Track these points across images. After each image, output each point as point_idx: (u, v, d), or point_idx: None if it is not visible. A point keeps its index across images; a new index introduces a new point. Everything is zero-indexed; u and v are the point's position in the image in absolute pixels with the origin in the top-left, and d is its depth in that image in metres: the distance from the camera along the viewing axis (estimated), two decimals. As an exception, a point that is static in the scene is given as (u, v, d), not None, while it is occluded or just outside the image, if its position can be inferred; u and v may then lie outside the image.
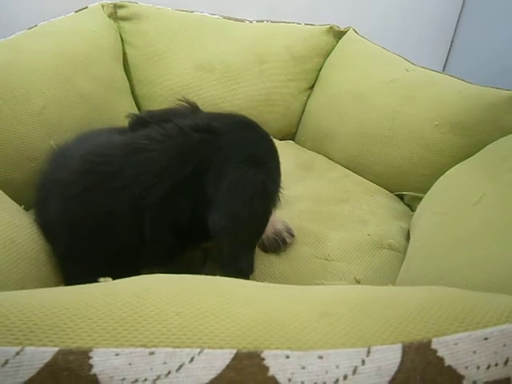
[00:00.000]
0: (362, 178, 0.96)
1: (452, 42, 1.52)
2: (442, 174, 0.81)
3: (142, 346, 0.30)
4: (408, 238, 0.77)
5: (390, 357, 0.30)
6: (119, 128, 0.74)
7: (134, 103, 1.04)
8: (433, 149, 0.87)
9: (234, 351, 0.30)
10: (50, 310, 0.31)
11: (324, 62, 1.13)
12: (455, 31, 1.51)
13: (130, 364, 0.29)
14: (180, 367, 0.29)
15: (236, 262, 0.54)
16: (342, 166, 1.01)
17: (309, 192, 0.85)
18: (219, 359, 0.29)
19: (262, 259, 0.67)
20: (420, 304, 0.35)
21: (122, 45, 1.04)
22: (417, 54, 1.11)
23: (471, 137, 0.83)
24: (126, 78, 1.03)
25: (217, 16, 1.10)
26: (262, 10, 1.20)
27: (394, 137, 0.92)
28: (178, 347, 0.30)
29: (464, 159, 0.80)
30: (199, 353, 0.29)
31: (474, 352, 0.31)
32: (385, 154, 0.93)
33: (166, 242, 0.53)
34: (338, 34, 1.13)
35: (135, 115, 0.66)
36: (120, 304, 0.33)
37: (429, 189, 0.82)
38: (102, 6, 1.01)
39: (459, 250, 0.54)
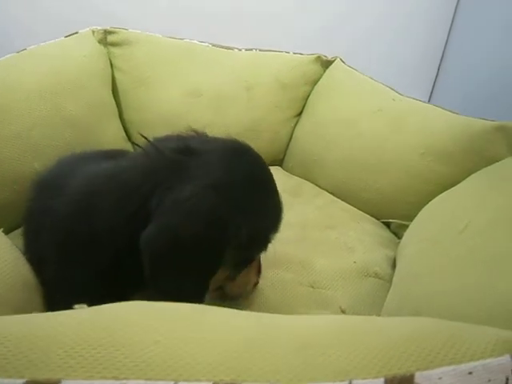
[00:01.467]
0: (348, 205, 0.96)
1: (438, 71, 1.56)
2: (429, 202, 0.82)
3: (113, 377, 0.28)
4: (394, 266, 0.77)
5: (372, 391, 0.29)
6: (103, 152, 0.75)
7: (121, 128, 1.04)
8: (419, 177, 0.88)
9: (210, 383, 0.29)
10: (19, 339, 0.30)
11: (311, 90, 1.14)
12: (441, 61, 1.54)
13: (100, 398, 0.28)
14: (153, 401, 0.28)
15: (166, 285, 0.49)
16: (330, 192, 1.01)
17: (295, 218, 0.85)
18: (194, 393, 0.28)
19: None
20: (403, 335, 0.34)
21: (112, 70, 1.05)
22: (402, 84, 1.13)
23: (457, 166, 0.83)
24: (114, 102, 1.03)
25: (206, 44, 1.11)
26: (251, 39, 1.22)
27: (381, 164, 0.92)
28: (151, 379, 0.28)
29: (450, 187, 0.80)
30: (174, 386, 0.28)
31: (459, 387, 0.30)
32: (372, 181, 0.93)
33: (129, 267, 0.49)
34: (326, 64, 1.15)
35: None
36: (94, 333, 0.31)
37: (415, 216, 0.82)
38: (93, 32, 1.02)
39: (445, 278, 0.54)
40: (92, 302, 0.38)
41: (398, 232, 0.90)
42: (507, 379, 0.31)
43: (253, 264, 0.61)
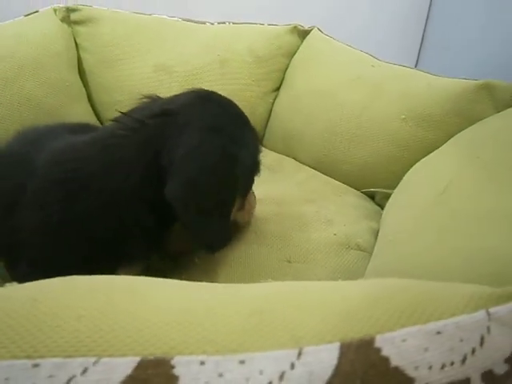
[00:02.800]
0: (330, 179, 0.92)
1: (422, 39, 1.51)
2: (411, 169, 0.78)
3: (26, 357, 0.25)
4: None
5: (324, 359, 0.26)
6: (69, 126, 0.72)
7: (90, 109, 0.99)
8: (401, 144, 0.84)
9: (138, 359, 0.25)
10: None
11: (289, 62, 1.10)
12: (425, 29, 1.50)
13: (6, 379, 0.24)
14: (69, 381, 0.24)
15: (202, 234, 0.54)
16: (311, 167, 0.97)
17: (273, 194, 0.81)
18: (119, 369, 0.25)
19: (214, 260, 0.62)
20: (365, 298, 0.30)
21: (77, 50, 1.00)
22: (387, 52, 1.09)
23: (439, 129, 0.80)
24: (81, 83, 0.98)
25: (176, 18, 1.06)
26: (223, 12, 1.17)
27: (361, 134, 0.89)
28: (70, 357, 0.25)
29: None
30: (95, 362, 0.25)
31: (426, 349, 0.27)
32: (352, 151, 0.90)
33: (145, 225, 0.53)
34: (303, 34, 1.10)
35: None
36: (10, 309, 0.28)
37: (399, 185, 0.78)
38: (54, 10, 0.97)
39: (423, 240, 0.51)
40: None
41: (382, 203, 0.86)
42: (482, 338, 0.27)
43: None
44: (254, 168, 0.62)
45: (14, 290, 0.32)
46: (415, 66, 1.54)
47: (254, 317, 0.29)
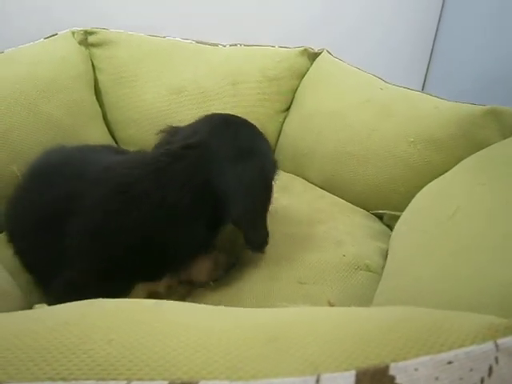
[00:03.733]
0: (338, 199, 0.94)
1: (429, 62, 1.53)
2: (420, 191, 0.79)
3: (61, 379, 0.26)
4: (386, 258, 0.74)
5: (341, 385, 0.27)
6: (98, 147, 0.80)
7: (105, 128, 1.02)
8: (409, 166, 0.86)
9: (166, 383, 0.27)
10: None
11: (299, 83, 1.12)
12: (432, 51, 1.52)
13: (43, 401, 0.26)
14: (102, 403, 0.26)
15: (257, 235, 0.66)
16: (320, 186, 0.99)
17: (283, 214, 0.83)
18: (148, 393, 0.26)
19: (228, 282, 0.64)
20: (379, 325, 0.32)
21: (94, 71, 1.03)
22: (394, 75, 1.11)
23: (447, 153, 0.81)
24: (97, 103, 1.01)
25: (189, 41, 1.09)
26: (235, 35, 1.20)
27: (370, 155, 0.90)
28: (102, 379, 0.26)
29: (441, 175, 0.78)
30: (125, 386, 0.26)
31: (437, 378, 0.28)
32: (361, 172, 0.91)
33: (200, 234, 0.62)
34: (313, 56, 1.13)
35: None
36: (45, 332, 0.30)
37: (407, 207, 0.80)
38: (73, 33, 1.00)
39: (433, 266, 0.52)
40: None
41: (390, 224, 0.87)
42: (490, 368, 0.29)
43: None
44: (275, 168, 0.72)
45: (45, 312, 0.33)
46: (422, 88, 1.56)
47: (272, 343, 0.30)
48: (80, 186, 0.61)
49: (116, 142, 1.03)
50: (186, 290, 0.66)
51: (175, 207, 0.59)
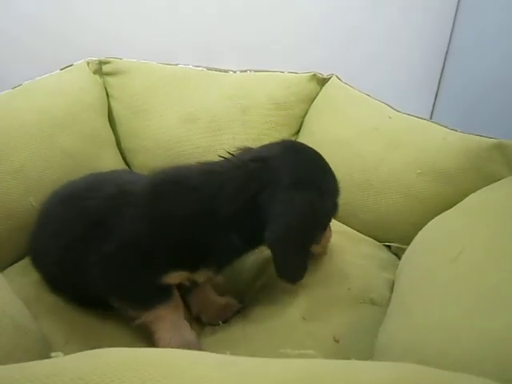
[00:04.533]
0: (346, 227, 0.94)
1: (437, 91, 1.54)
2: (428, 222, 0.80)
3: None
4: (393, 290, 0.75)
5: None
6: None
7: (119, 156, 1.05)
8: (417, 197, 0.86)
9: None
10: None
11: (308, 108, 1.14)
12: (440, 80, 1.53)
13: None
14: None
15: (288, 266, 0.66)
16: (328, 214, 1.00)
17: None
18: None
19: (234, 320, 0.65)
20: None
21: (108, 99, 1.06)
22: (403, 100, 1.12)
23: (455, 185, 0.82)
24: (111, 131, 1.04)
25: (201, 68, 1.12)
26: (245, 60, 1.22)
27: (379, 185, 0.91)
28: None
29: (448, 207, 0.78)
30: None
31: None
32: (370, 202, 0.92)
33: (235, 243, 0.64)
34: (322, 81, 1.15)
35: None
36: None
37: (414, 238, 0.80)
38: (87, 63, 1.04)
39: (435, 310, 0.53)
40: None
41: (398, 253, 0.88)
42: None
43: None
44: (334, 210, 0.73)
45: (60, 365, 0.35)
46: (431, 112, 1.56)
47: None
48: (129, 185, 0.70)
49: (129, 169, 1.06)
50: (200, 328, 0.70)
51: (220, 211, 0.63)
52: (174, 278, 0.65)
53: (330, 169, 0.73)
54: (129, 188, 0.69)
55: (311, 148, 0.74)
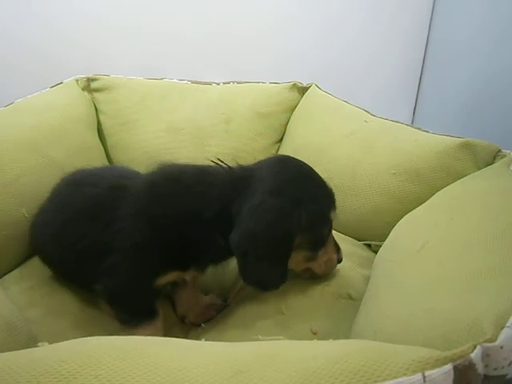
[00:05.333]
0: (327, 229, 0.98)
1: (418, 89, 1.59)
2: (404, 221, 0.84)
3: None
4: (369, 284, 0.79)
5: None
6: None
7: (108, 168, 1.09)
8: (393, 197, 0.90)
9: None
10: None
11: (290, 115, 1.19)
12: (420, 77, 1.58)
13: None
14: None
15: (252, 276, 0.66)
16: (310, 216, 1.04)
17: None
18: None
19: (217, 320, 0.69)
20: (328, 358, 0.37)
21: (97, 114, 1.11)
22: (385, 104, 1.17)
23: (426, 184, 0.86)
24: (100, 144, 1.09)
25: (185, 81, 1.17)
26: (228, 72, 1.28)
27: (356, 187, 0.95)
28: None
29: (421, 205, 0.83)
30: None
31: (372, 404, 0.33)
32: (348, 203, 0.96)
33: (221, 245, 0.66)
34: (302, 90, 1.20)
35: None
36: (42, 369, 0.35)
37: (390, 236, 0.84)
38: (76, 81, 1.09)
39: (398, 296, 0.57)
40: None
41: (377, 251, 0.92)
42: (417, 396, 0.34)
43: (328, 244, 0.75)
44: (321, 224, 0.71)
45: (45, 351, 0.39)
46: (413, 115, 1.61)
47: (236, 376, 0.36)
48: (123, 181, 0.73)
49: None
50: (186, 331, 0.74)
51: (205, 212, 0.65)
52: (167, 277, 0.68)
53: (321, 183, 0.74)
54: (126, 182, 0.73)
55: (303, 162, 0.76)
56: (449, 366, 0.34)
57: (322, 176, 1.01)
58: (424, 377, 0.34)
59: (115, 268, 0.67)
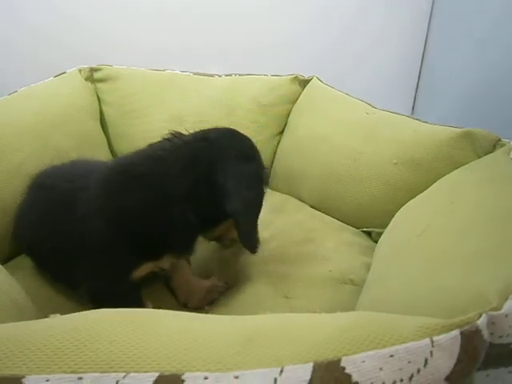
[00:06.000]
0: (329, 218, 1.00)
1: (418, 81, 1.61)
2: (403, 210, 0.85)
3: (72, 372, 0.33)
4: (371, 269, 0.80)
5: (300, 374, 0.33)
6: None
7: (110, 157, 1.10)
8: (393, 186, 0.91)
9: (157, 374, 0.33)
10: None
11: (291, 108, 1.20)
12: (420, 69, 1.60)
13: (58, 389, 0.32)
14: (105, 391, 0.32)
15: (251, 234, 0.70)
16: (312, 206, 1.05)
17: (275, 235, 0.89)
18: (143, 382, 0.32)
19: (220, 302, 0.70)
20: (337, 327, 0.38)
21: (99, 104, 1.11)
22: (385, 96, 1.18)
23: (426, 173, 0.87)
24: (102, 134, 1.09)
25: (187, 73, 1.18)
26: (230, 65, 1.28)
27: (357, 176, 0.96)
28: (106, 372, 0.33)
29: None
30: (124, 376, 0.33)
31: (381, 369, 0.34)
32: (350, 193, 0.97)
33: (192, 221, 0.66)
34: (303, 83, 1.21)
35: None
36: (58, 335, 0.36)
37: (391, 224, 0.85)
38: (80, 70, 1.09)
39: (399, 280, 0.58)
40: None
41: (377, 239, 0.93)
42: (426, 360, 0.35)
43: None
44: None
45: (58, 320, 0.40)
46: (412, 107, 1.63)
47: (248, 343, 0.37)
48: (86, 179, 0.71)
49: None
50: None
51: (171, 193, 0.65)
52: (143, 270, 0.67)
53: (256, 147, 0.80)
54: (84, 183, 0.71)
55: (240, 132, 0.81)
56: (456, 332, 0.35)
57: (323, 167, 1.03)
58: (432, 342, 0.35)
59: (90, 271, 0.67)
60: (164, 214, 0.65)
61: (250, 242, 0.70)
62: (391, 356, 0.35)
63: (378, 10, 1.49)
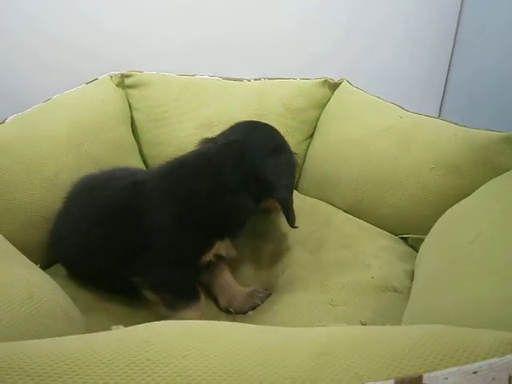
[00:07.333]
0: (364, 223, 0.98)
1: (445, 85, 1.59)
2: (442, 214, 0.83)
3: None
4: (412, 279, 0.78)
5: (382, 392, 0.32)
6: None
7: (142, 163, 1.10)
8: (431, 190, 0.89)
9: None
10: (60, 358, 0.34)
11: (321, 112, 1.19)
12: (448, 74, 1.58)
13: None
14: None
15: (293, 213, 0.82)
16: (345, 211, 1.03)
17: (311, 239, 0.88)
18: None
19: (264, 308, 0.69)
20: (413, 341, 0.37)
21: (130, 110, 1.12)
22: (411, 100, 1.17)
23: (466, 178, 0.85)
24: (133, 140, 1.10)
25: (216, 78, 1.17)
26: (259, 68, 1.28)
27: (394, 181, 0.95)
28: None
29: (462, 199, 0.82)
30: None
31: (463, 386, 0.33)
32: (386, 197, 0.96)
33: (248, 202, 0.77)
34: (333, 86, 1.20)
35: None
36: (129, 348, 0.35)
37: (430, 229, 0.84)
38: (111, 77, 1.10)
39: (457, 289, 0.56)
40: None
41: (415, 246, 0.91)
42: (510, 377, 0.33)
43: None
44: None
45: (126, 333, 0.39)
46: (439, 112, 1.61)
47: (323, 357, 0.36)
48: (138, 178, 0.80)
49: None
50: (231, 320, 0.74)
51: (229, 183, 0.75)
52: (210, 253, 0.75)
53: (277, 130, 0.91)
54: (140, 178, 0.80)
55: (261, 122, 0.92)
56: (538, 348, 0.34)
57: (358, 172, 1.02)
58: (515, 357, 0.34)
59: (156, 258, 0.70)
60: (224, 199, 0.74)
61: (293, 219, 0.81)
62: (474, 373, 0.33)
63: (407, 15, 1.49)
